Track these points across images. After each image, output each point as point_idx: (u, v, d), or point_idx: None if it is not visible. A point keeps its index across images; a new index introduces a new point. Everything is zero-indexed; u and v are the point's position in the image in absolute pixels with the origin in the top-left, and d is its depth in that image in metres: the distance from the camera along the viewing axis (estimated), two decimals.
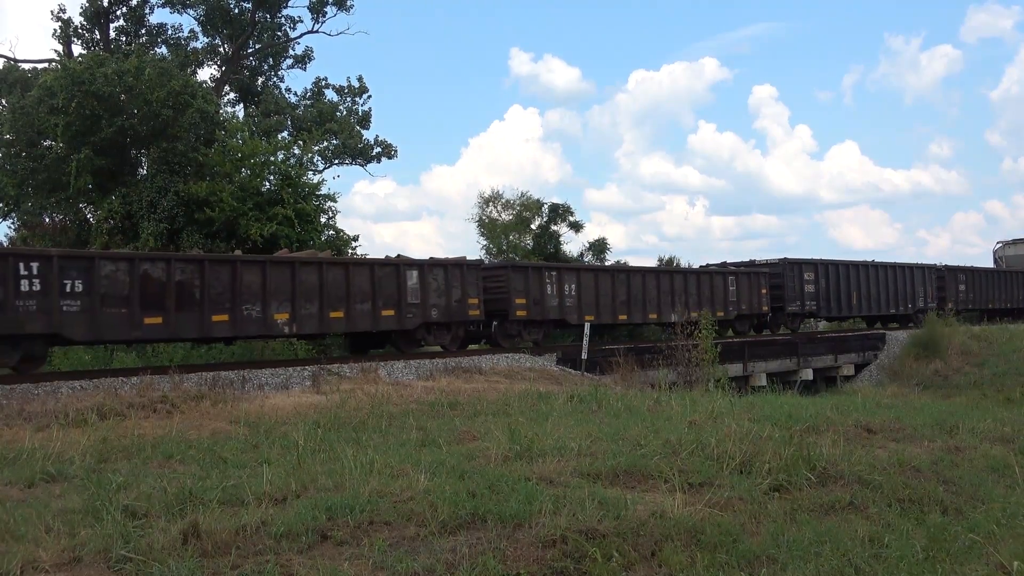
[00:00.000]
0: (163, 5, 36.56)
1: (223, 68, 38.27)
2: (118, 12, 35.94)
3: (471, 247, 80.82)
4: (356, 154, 38.11)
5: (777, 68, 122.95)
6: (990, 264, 49.34)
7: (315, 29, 39.48)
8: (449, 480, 8.11)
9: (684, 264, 41.14)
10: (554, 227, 44.21)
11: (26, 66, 36.56)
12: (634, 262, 35.03)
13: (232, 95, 39.26)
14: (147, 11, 36.29)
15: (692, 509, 7.50)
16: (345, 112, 38.62)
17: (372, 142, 38.24)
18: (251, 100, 38.86)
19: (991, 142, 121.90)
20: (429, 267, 21.86)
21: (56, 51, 35.35)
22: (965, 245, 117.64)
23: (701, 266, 32.05)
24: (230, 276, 18.23)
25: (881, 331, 35.27)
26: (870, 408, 14.58)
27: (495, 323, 24.02)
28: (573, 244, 45.78)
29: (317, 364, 18.29)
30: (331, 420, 12.51)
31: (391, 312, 20.89)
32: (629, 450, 9.61)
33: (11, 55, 37.43)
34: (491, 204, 45.34)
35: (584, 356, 21.39)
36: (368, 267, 20.74)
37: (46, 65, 34.66)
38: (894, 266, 36.93)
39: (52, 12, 38.55)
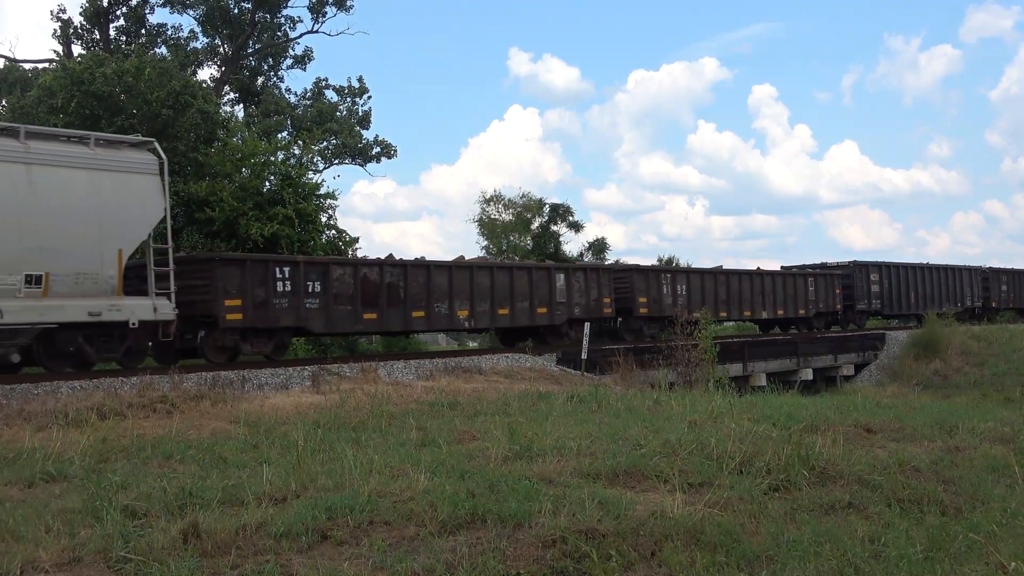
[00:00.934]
0: (163, 5, 36.61)
1: (223, 68, 38.28)
2: (118, 12, 35.96)
3: (471, 247, 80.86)
4: (356, 154, 38.14)
5: (777, 68, 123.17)
6: None
7: (315, 29, 39.52)
8: (449, 480, 8.11)
9: (684, 263, 41.62)
10: (554, 227, 44.26)
11: (26, 66, 36.60)
12: (633, 262, 35.94)
13: (232, 95, 39.27)
14: (147, 11, 36.32)
15: (692, 509, 7.51)
16: (345, 112, 38.63)
17: (372, 142, 38.26)
18: (251, 100, 38.87)
19: (991, 142, 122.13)
20: (573, 271, 25.84)
21: (56, 51, 35.40)
22: (965, 245, 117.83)
23: (782, 267, 35.84)
24: (425, 279, 21.72)
25: (881, 331, 35.32)
26: (870, 408, 14.59)
27: (619, 319, 27.46)
28: (573, 244, 45.81)
29: (317, 364, 18.31)
30: (331, 420, 12.51)
31: (544, 310, 24.47)
32: (629, 450, 9.62)
33: (11, 55, 37.46)
34: (492, 204, 45.39)
35: (584, 356, 21.39)
36: (527, 271, 24.52)
37: (46, 65, 34.70)
38: (945, 268, 40.56)
39: (52, 12, 38.62)
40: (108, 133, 21.51)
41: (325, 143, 35.34)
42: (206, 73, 39.02)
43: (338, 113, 38.12)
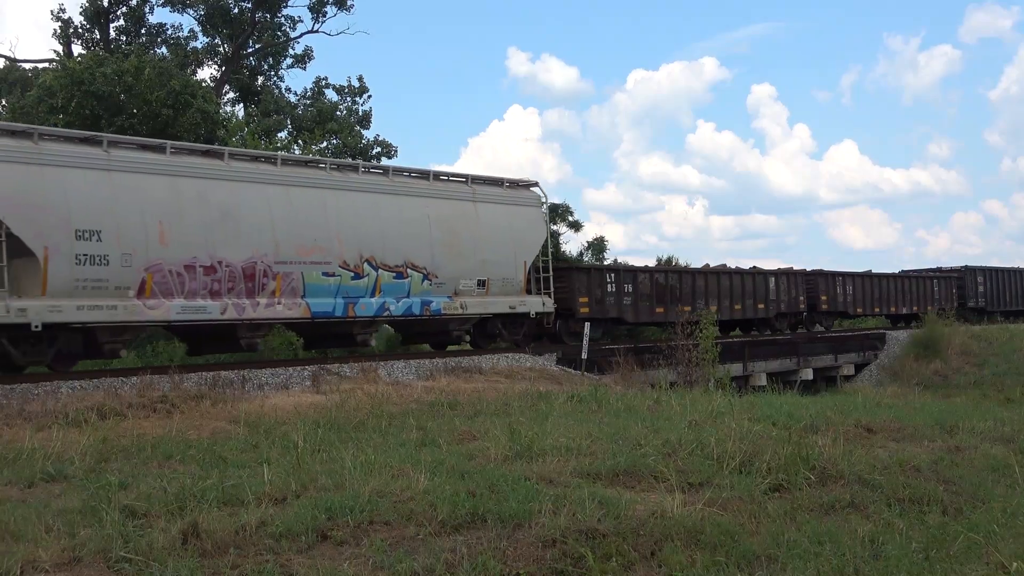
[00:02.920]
0: (163, 5, 36.59)
1: (223, 68, 38.27)
2: (118, 12, 35.95)
3: None
4: (356, 154, 38.10)
5: (776, 68, 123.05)
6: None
7: (315, 29, 39.49)
8: (449, 480, 8.11)
9: (683, 263, 42.08)
10: (553, 227, 44.22)
11: (26, 66, 36.62)
12: (632, 262, 37.30)
13: (232, 95, 39.26)
14: (147, 11, 36.31)
15: (692, 509, 7.51)
16: (345, 112, 38.60)
17: (372, 142, 38.25)
18: (251, 100, 38.85)
19: (990, 142, 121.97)
20: (779, 275, 32.15)
21: (56, 51, 35.37)
22: (965, 245, 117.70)
23: (903, 271, 41.87)
24: (691, 282, 28.38)
25: (881, 331, 35.39)
26: (870, 408, 14.59)
27: (804, 313, 33.49)
28: (572, 244, 45.85)
29: (317, 364, 18.31)
30: (331, 420, 12.51)
31: (762, 305, 31.15)
32: (629, 450, 9.62)
33: (11, 55, 37.44)
34: None
35: (584, 356, 21.38)
36: (751, 275, 31.02)
37: (46, 65, 34.68)
38: None
39: (52, 12, 38.62)
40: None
41: (325, 143, 35.31)
42: (206, 73, 39.02)
43: (338, 113, 38.09)
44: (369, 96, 39.77)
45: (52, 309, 14.85)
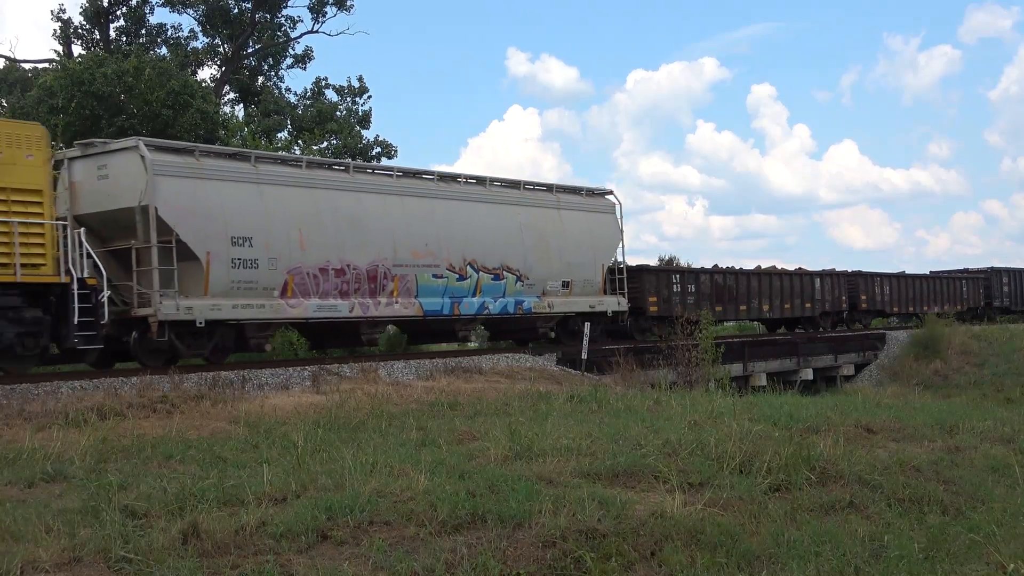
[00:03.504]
0: (163, 5, 36.51)
1: (223, 68, 38.25)
2: (118, 12, 35.92)
3: None
4: (356, 154, 38.09)
5: (776, 68, 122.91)
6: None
7: (315, 29, 39.40)
8: (449, 480, 8.11)
9: (684, 263, 42.45)
10: None
11: (26, 66, 36.58)
12: (631, 261, 37.79)
13: (232, 95, 39.24)
14: (147, 11, 36.27)
15: (692, 509, 7.51)
16: (345, 112, 38.58)
17: (372, 142, 38.22)
18: (251, 100, 38.84)
19: (990, 142, 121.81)
20: (824, 275, 34.24)
21: (56, 51, 35.34)
22: (965, 245, 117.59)
23: (932, 272, 43.89)
24: (747, 282, 30.52)
25: (881, 331, 35.41)
26: (870, 408, 14.59)
27: (846, 311, 35.49)
28: None
29: (317, 364, 18.30)
30: (331, 420, 12.51)
31: (809, 304, 33.10)
32: (629, 450, 9.62)
33: (11, 55, 37.41)
34: None
35: (584, 356, 21.36)
36: (799, 276, 33.00)
37: (46, 65, 34.66)
38: None
39: (52, 12, 38.55)
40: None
41: (325, 143, 35.30)
42: (206, 73, 38.99)
43: (338, 113, 38.07)
44: (369, 96, 39.74)
45: (213, 308, 16.71)
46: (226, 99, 38.28)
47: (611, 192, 25.51)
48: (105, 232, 16.58)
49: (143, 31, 36.46)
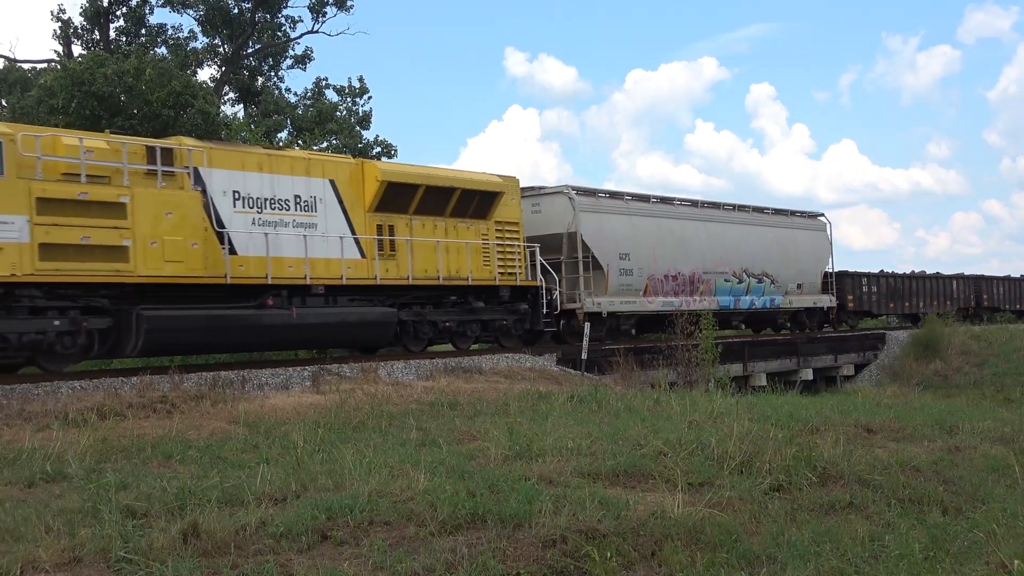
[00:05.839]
0: (163, 5, 36.50)
1: (223, 68, 38.23)
2: (118, 12, 35.91)
3: None
4: (356, 154, 38.07)
5: (775, 68, 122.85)
6: None
7: (315, 29, 39.37)
8: (449, 480, 8.11)
9: None
10: None
11: (26, 66, 36.59)
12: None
13: (232, 95, 39.23)
14: (147, 11, 36.26)
15: (692, 509, 7.51)
16: (345, 112, 38.56)
17: (372, 142, 38.20)
18: (251, 100, 38.83)
19: (989, 142, 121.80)
20: (958, 279, 40.96)
21: (56, 51, 35.34)
22: (965, 245, 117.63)
23: (1004, 276, 49.05)
24: (910, 285, 37.91)
25: (881, 331, 35.42)
26: (870, 408, 14.59)
27: (973, 308, 41.38)
28: None
29: (317, 364, 18.29)
30: (331, 420, 12.50)
31: (948, 302, 39.53)
32: (629, 450, 9.62)
33: (11, 55, 37.46)
34: None
35: (584, 356, 21.35)
36: (941, 279, 39.87)
37: (46, 65, 34.66)
38: None
39: (52, 12, 38.59)
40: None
41: (325, 143, 35.28)
42: (206, 73, 39.05)
43: (338, 113, 38.05)
44: (369, 96, 39.70)
45: (610, 303, 24.27)
46: (226, 99, 38.28)
47: (823, 215, 33.96)
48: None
49: (143, 31, 36.45)
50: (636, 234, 25.34)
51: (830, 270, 33.16)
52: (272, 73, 40.17)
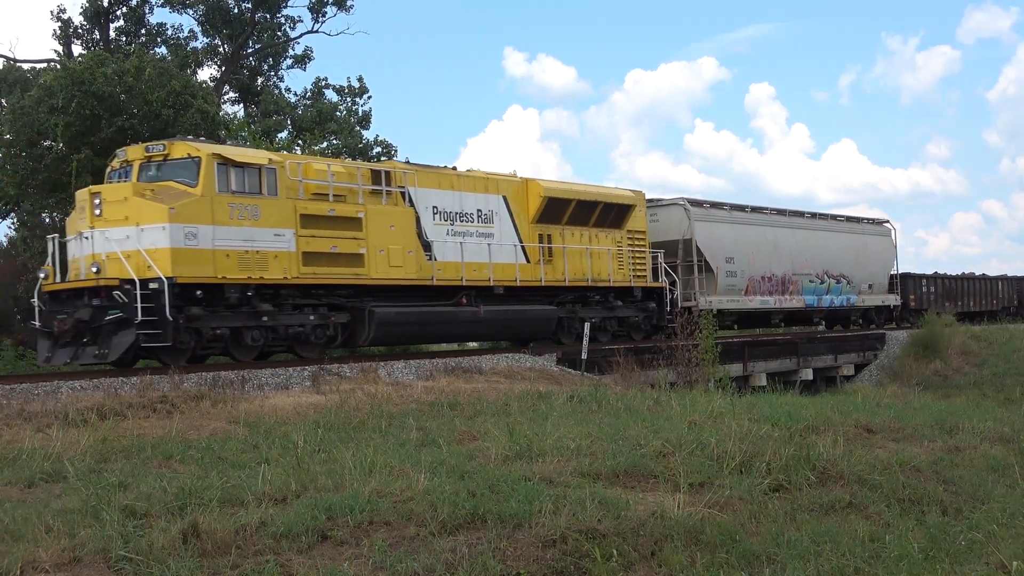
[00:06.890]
0: (163, 5, 36.47)
1: (223, 68, 38.22)
2: (118, 12, 35.88)
3: None
4: (356, 154, 38.06)
5: (775, 68, 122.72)
6: None
7: (315, 29, 39.33)
8: (449, 480, 8.11)
9: None
10: None
11: (26, 66, 36.54)
12: None
13: (232, 95, 39.22)
14: (147, 11, 36.24)
15: (692, 509, 7.51)
16: (345, 112, 38.54)
17: (372, 142, 38.19)
18: (251, 100, 38.82)
19: (989, 142, 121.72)
20: (1003, 280, 44.46)
21: (56, 51, 35.29)
22: (965, 245, 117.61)
23: None
24: (960, 285, 41.00)
25: (881, 331, 35.41)
26: (870, 408, 14.59)
27: (1016, 307, 44.55)
28: None
29: (317, 364, 18.29)
30: (331, 420, 12.50)
31: (995, 301, 42.71)
32: (629, 450, 9.62)
33: (11, 55, 37.38)
34: None
35: (584, 356, 21.35)
36: (987, 280, 43.09)
37: (46, 65, 34.61)
38: None
39: (52, 12, 38.53)
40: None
41: (325, 143, 35.27)
42: (206, 73, 38.94)
43: (338, 113, 38.03)
44: (369, 96, 39.67)
45: (718, 302, 27.10)
46: (226, 99, 38.27)
47: (888, 221, 37.53)
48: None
49: (143, 31, 36.43)
50: (738, 240, 28.44)
51: (895, 272, 36.29)
52: (272, 73, 40.17)
